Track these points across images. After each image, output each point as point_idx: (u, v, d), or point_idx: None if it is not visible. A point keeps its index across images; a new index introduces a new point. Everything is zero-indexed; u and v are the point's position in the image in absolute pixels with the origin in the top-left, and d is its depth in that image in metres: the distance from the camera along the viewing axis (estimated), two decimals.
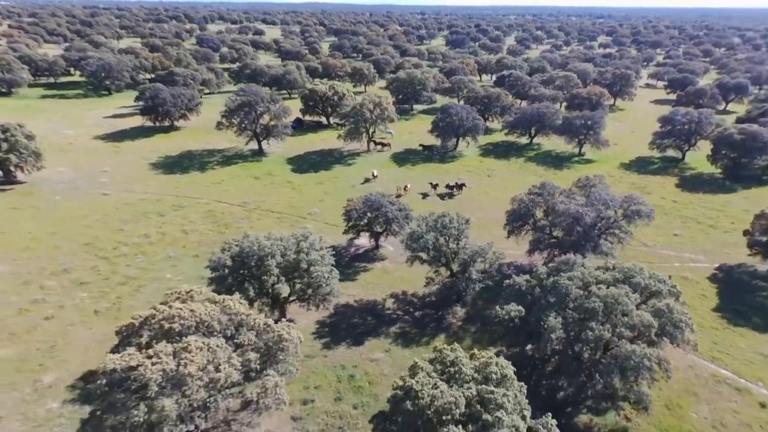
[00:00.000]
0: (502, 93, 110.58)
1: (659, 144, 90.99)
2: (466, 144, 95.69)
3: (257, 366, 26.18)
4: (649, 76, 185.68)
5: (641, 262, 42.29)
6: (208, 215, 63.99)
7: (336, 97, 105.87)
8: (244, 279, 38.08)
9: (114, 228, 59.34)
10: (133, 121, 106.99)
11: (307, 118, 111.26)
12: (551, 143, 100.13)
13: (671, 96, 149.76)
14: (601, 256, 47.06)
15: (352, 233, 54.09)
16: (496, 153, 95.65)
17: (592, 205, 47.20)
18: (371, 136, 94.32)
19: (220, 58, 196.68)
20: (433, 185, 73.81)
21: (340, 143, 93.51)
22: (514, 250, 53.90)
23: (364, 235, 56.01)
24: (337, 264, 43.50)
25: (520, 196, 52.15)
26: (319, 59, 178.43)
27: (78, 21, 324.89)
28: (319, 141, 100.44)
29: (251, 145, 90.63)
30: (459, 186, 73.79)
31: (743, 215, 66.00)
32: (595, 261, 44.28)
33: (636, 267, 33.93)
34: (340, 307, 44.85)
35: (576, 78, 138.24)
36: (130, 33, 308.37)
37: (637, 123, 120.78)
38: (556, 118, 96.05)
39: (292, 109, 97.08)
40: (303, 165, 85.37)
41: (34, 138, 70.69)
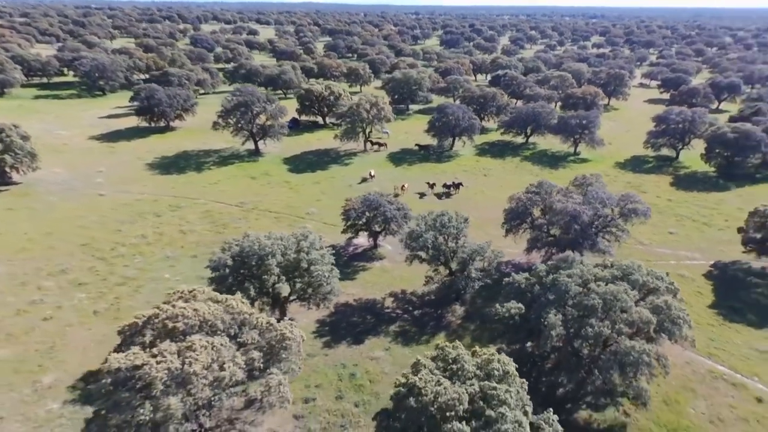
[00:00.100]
0: (497, 93, 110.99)
1: (654, 143, 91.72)
2: (462, 144, 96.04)
3: (260, 365, 26.27)
4: (643, 75, 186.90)
5: (638, 260, 42.64)
6: (205, 215, 63.87)
7: (332, 97, 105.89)
8: (244, 279, 38.09)
9: (111, 228, 59.10)
10: (128, 122, 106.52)
11: (303, 118, 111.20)
12: (547, 143, 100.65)
13: (665, 95, 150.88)
14: (599, 254, 47.46)
15: (350, 232, 54.19)
16: (492, 152, 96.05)
17: (589, 204, 47.59)
18: (368, 135, 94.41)
19: (214, 58, 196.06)
20: (430, 185, 74.04)
21: (336, 143, 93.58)
22: (511, 248, 54.20)
23: (362, 235, 56.15)
24: (336, 263, 43.50)
25: (517, 194, 52.46)
26: (315, 59, 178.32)
27: (70, 21, 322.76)
28: (316, 141, 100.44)
29: (248, 145, 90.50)
30: (456, 185, 74.06)
31: (737, 213, 66.72)
32: (593, 259, 44.72)
33: (634, 264, 34.30)
34: (339, 306, 44.94)
35: (571, 78, 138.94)
36: (123, 33, 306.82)
37: (632, 122, 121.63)
38: (551, 117, 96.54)
39: (288, 109, 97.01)
40: (300, 165, 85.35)
41: (29, 138, 70.28)
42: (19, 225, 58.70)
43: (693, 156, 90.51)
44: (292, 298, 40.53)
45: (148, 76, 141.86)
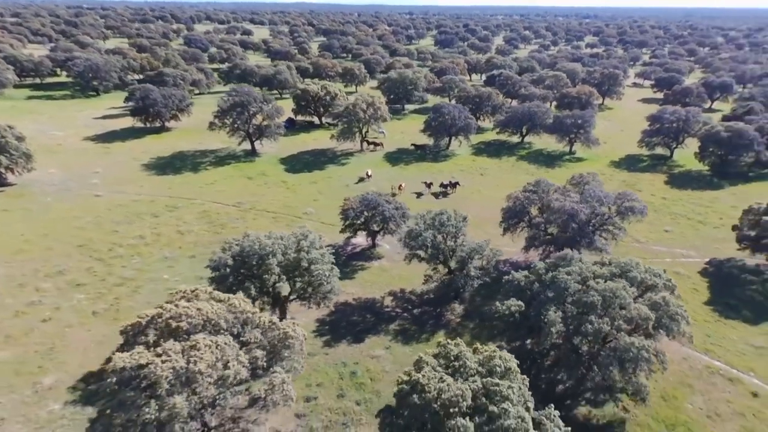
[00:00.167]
0: (493, 92, 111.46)
1: (648, 142, 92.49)
2: (458, 143, 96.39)
3: (264, 363, 26.36)
4: (636, 75, 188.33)
5: (635, 257, 43.07)
6: (202, 216, 63.76)
7: (328, 97, 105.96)
8: (244, 278, 38.14)
9: (108, 229, 58.88)
10: (123, 122, 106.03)
11: (299, 118, 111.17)
12: (542, 142, 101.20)
13: (658, 95, 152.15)
14: (596, 252, 47.85)
15: (349, 232, 54.29)
16: (488, 152, 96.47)
17: (586, 202, 47.97)
18: (364, 135, 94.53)
19: (208, 58, 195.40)
20: (428, 184, 74.27)
21: (332, 143, 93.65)
22: (509, 247, 54.53)
23: (361, 234, 56.30)
24: (335, 263, 43.58)
25: (515, 193, 52.78)
26: (309, 59, 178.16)
27: (62, 21, 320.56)
28: (312, 141, 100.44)
29: (244, 146, 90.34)
30: (453, 185, 74.35)
31: (731, 211, 67.47)
32: (590, 257, 45.01)
33: (632, 261, 34.67)
34: (339, 306, 45.06)
35: (565, 77, 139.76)
36: (116, 33, 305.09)
37: (626, 122, 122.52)
38: (546, 117, 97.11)
39: (284, 109, 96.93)
40: (296, 165, 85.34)
41: (24, 139, 69.83)
42: (15, 226, 58.35)
43: (687, 155, 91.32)
44: (292, 297, 40.60)
45: (142, 76, 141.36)
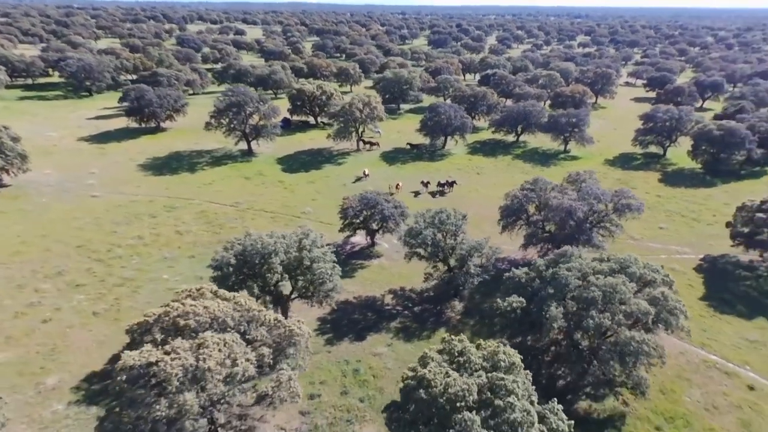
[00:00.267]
0: (488, 92, 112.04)
1: (641, 140, 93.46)
2: (454, 142, 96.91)
3: (270, 361, 26.55)
4: (629, 74, 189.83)
5: (632, 254, 43.65)
6: (201, 216, 63.70)
7: (324, 97, 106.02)
8: (246, 277, 38.27)
9: (106, 230, 58.72)
10: (118, 123, 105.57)
11: (295, 117, 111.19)
12: (537, 141, 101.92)
13: (650, 94, 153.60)
14: (593, 249, 48.41)
15: (348, 231, 54.49)
16: (483, 151, 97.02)
17: (583, 200, 48.52)
18: (361, 135, 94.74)
19: (202, 58, 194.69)
20: (425, 183, 74.66)
21: (329, 143, 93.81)
22: (507, 245, 54.95)
23: (360, 233, 56.52)
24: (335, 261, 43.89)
25: (513, 191, 53.23)
26: (304, 59, 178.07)
27: (53, 21, 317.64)
28: (308, 140, 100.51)
29: (240, 146, 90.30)
30: (450, 184, 74.80)
31: (724, 208, 68.45)
32: (588, 254, 45.52)
33: (631, 257, 35.22)
34: (340, 304, 45.26)
35: (559, 77, 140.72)
36: (107, 33, 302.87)
37: (619, 120, 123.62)
38: (541, 116, 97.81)
39: (280, 109, 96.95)
40: (293, 165, 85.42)
41: (19, 140, 69.40)
42: (12, 227, 58.01)
43: (680, 153, 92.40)
44: (293, 296, 40.79)
45: (135, 76, 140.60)
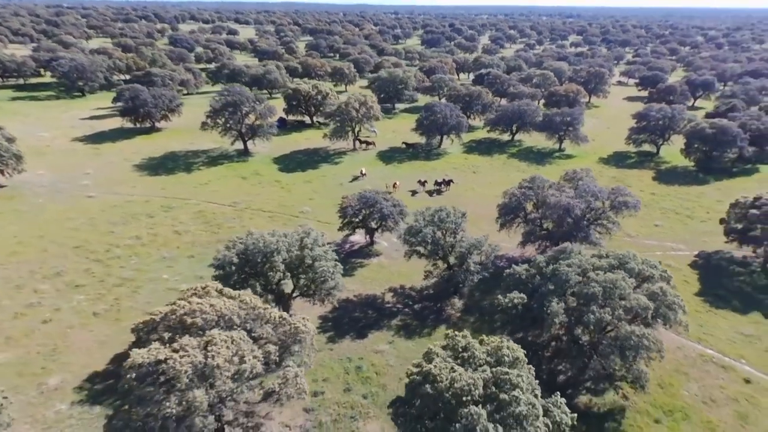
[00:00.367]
0: (483, 91, 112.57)
1: (635, 139, 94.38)
2: (450, 141, 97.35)
3: (276, 358, 26.71)
4: (621, 73, 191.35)
5: (630, 250, 44.24)
6: (198, 216, 63.58)
7: (319, 97, 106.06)
8: (248, 276, 38.37)
9: (103, 230, 58.47)
10: (112, 123, 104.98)
11: (290, 117, 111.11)
12: (532, 139, 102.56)
13: (642, 93, 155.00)
14: (591, 246, 48.93)
15: (347, 230, 54.66)
16: (479, 150, 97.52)
17: (581, 197, 49.03)
18: (357, 134, 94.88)
19: (195, 58, 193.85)
20: (422, 182, 74.99)
21: (325, 142, 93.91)
22: (504, 243, 55.28)
23: (359, 232, 56.70)
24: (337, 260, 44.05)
25: (511, 189, 53.68)
26: (298, 59, 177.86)
27: (43, 21, 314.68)
28: (304, 140, 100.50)
29: (236, 145, 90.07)
30: (447, 182, 75.15)
31: (717, 205, 69.40)
32: (586, 251, 46.03)
33: (630, 253, 35.72)
34: (341, 302, 45.40)
35: (553, 76, 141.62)
36: (99, 33, 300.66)
37: (612, 119, 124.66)
38: (536, 115, 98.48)
39: (276, 108, 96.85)
40: (290, 164, 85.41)
41: (14, 140, 68.89)
42: (8, 228, 57.63)
43: (673, 151, 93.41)
44: (295, 294, 40.93)
45: (128, 76, 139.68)
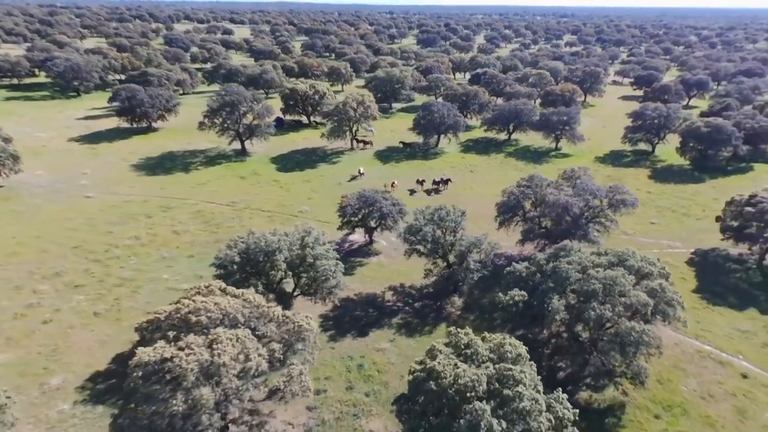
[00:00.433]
0: (479, 90, 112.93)
1: (631, 138, 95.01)
2: (447, 141, 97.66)
3: (280, 356, 26.85)
4: (616, 73, 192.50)
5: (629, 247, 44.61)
6: (197, 216, 63.54)
7: (317, 96, 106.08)
8: (249, 275, 38.47)
9: (102, 230, 58.34)
10: (108, 123, 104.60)
11: (288, 117, 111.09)
12: (529, 139, 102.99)
13: (637, 92, 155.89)
14: (589, 244, 49.29)
15: (347, 229, 54.80)
16: (476, 149, 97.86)
17: (579, 195, 49.40)
18: (354, 134, 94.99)
19: (190, 58, 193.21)
20: (420, 181, 75.24)
21: (322, 142, 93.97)
22: (503, 241, 55.44)
23: (358, 231, 56.85)
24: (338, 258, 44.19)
25: (510, 188, 53.97)
26: (294, 58, 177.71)
27: (36, 20, 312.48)
28: (301, 140, 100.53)
29: (234, 145, 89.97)
30: (445, 181, 75.42)
31: (712, 203, 70.01)
32: (585, 248, 46.41)
33: (629, 251, 36.09)
34: (341, 301, 45.55)
35: (549, 75, 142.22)
36: (93, 33, 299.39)
37: (608, 118, 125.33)
38: (532, 114, 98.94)
39: (273, 108, 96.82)
40: (288, 164, 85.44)
41: (11, 141, 68.62)
42: (6, 229, 57.39)
43: (668, 150, 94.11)
44: (296, 293, 41.05)
45: (124, 76, 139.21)
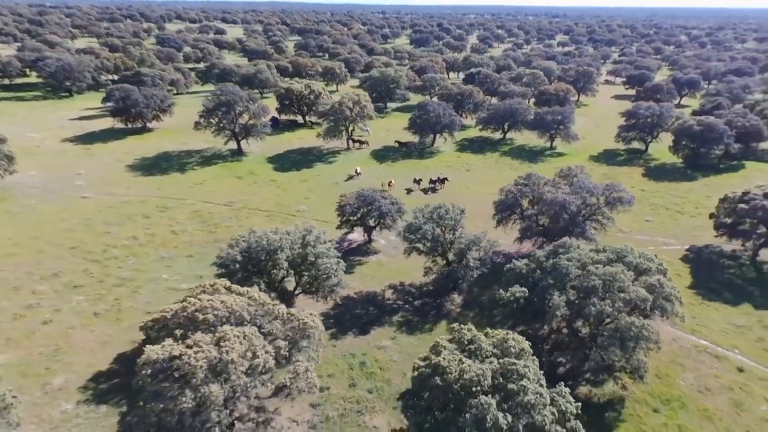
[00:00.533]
0: (474, 90, 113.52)
1: (624, 137, 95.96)
2: (443, 140, 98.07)
3: (286, 353, 27.02)
4: (608, 72, 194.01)
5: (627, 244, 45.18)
6: (195, 215, 63.44)
7: (312, 96, 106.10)
8: (251, 274, 38.57)
9: (99, 231, 58.09)
10: (102, 123, 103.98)
11: (283, 117, 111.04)
12: (524, 138, 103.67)
13: (630, 92, 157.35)
14: (586, 241, 49.81)
15: (346, 228, 55.00)
16: (472, 148, 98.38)
17: (576, 193, 49.94)
18: (350, 134, 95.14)
19: (183, 58, 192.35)
20: (417, 180, 75.57)
21: (318, 141, 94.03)
22: (500, 239, 55.85)
23: (357, 230, 57.05)
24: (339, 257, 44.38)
25: (507, 186, 54.42)
26: (288, 58, 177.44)
27: (26, 20, 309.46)
28: (297, 140, 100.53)
29: (230, 145, 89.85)
30: (441, 180, 75.81)
31: (705, 201, 70.98)
32: (583, 246, 46.98)
33: (627, 247, 36.62)
34: (342, 299, 45.76)
35: (542, 75, 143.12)
36: (84, 32, 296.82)
37: (601, 117, 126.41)
38: (527, 113, 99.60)
39: (269, 108, 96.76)
40: (284, 163, 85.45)
41: (5, 141, 68.06)
42: (2, 230, 56.99)
43: (661, 148, 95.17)
44: (297, 292, 41.20)
45: (117, 76, 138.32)
